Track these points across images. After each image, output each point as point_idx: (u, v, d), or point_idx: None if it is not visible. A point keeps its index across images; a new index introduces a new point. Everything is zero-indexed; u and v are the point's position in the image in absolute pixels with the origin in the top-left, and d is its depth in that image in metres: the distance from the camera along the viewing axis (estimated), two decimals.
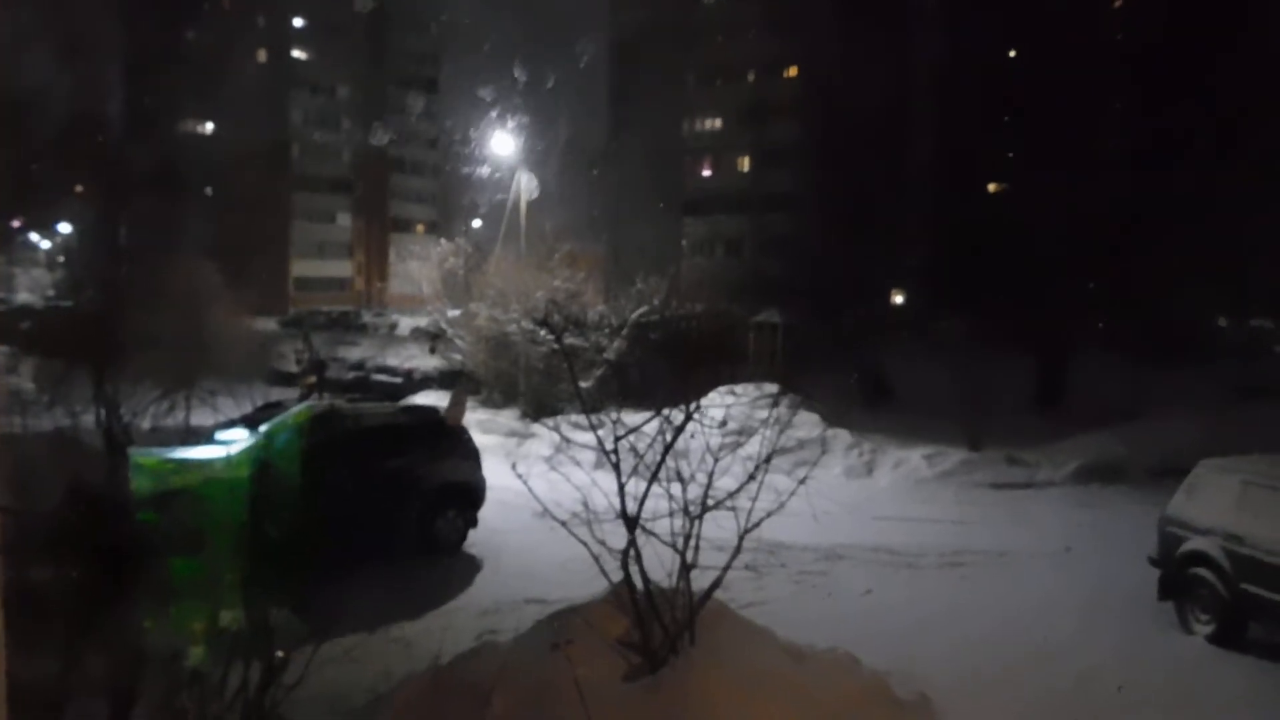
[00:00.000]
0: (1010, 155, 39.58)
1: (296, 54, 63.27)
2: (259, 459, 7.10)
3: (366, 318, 49.65)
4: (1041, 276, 25.39)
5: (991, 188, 42.07)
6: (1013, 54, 37.95)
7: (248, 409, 13.07)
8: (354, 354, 28.55)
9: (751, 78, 49.89)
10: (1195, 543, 8.76)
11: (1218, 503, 8.68)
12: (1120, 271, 27.30)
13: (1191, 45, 30.35)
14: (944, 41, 41.16)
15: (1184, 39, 30.55)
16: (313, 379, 19.31)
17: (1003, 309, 26.02)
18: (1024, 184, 36.20)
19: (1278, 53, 29.23)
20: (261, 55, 60.61)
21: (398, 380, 25.58)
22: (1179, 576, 8.93)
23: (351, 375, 25.64)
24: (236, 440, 7.82)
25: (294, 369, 21.89)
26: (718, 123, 51.79)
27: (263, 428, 6.91)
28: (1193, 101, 29.27)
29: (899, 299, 46.04)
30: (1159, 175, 27.81)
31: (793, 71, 47.89)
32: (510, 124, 31.84)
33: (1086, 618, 9.15)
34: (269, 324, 35.29)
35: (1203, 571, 8.62)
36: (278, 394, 17.95)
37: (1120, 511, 14.27)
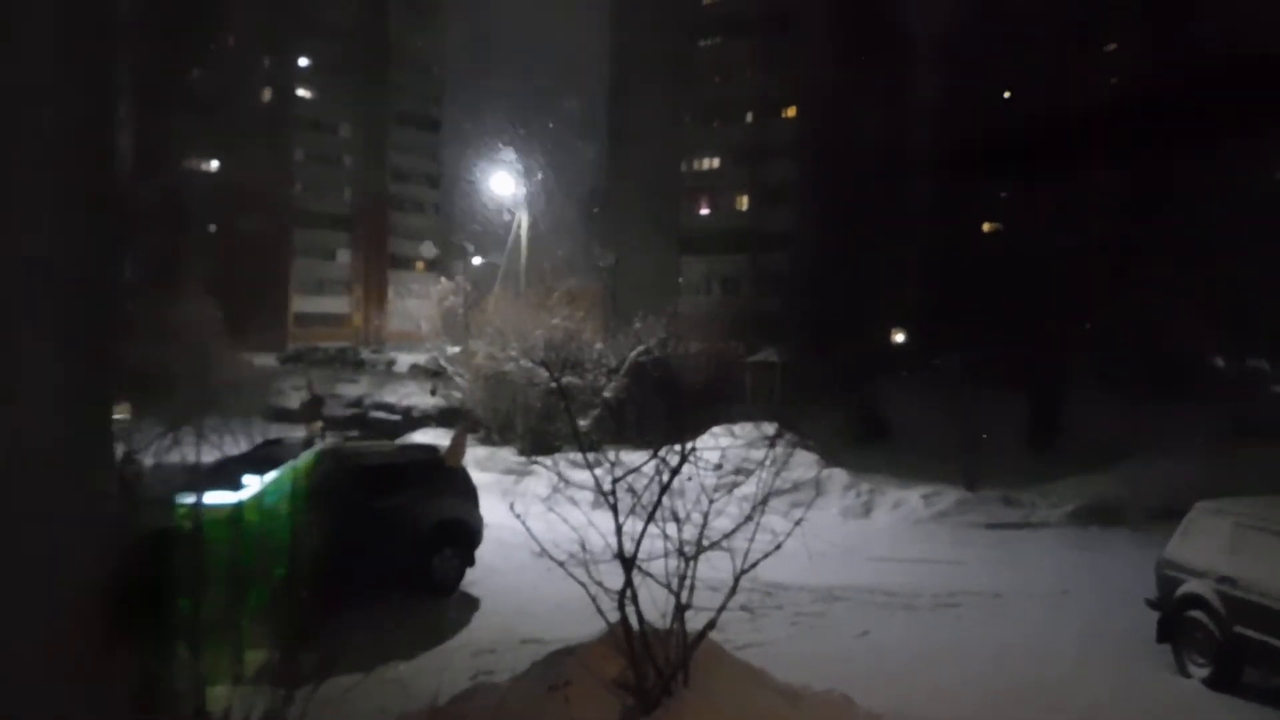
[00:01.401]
0: (1003, 195, 40.05)
1: (300, 93, 64.02)
2: (268, 502, 7.14)
3: (365, 354, 49.80)
4: (1037, 315, 25.60)
5: (986, 227, 42.48)
6: (1007, 95, 38.52)
7: (247, 446, 13.09)
8: (352, 391, 28.63)
9: (749, 118, 50.45)
10: (1191, 585, 8.80)
11: (1211, 545, 8.73)
12: (1116, 310, 27.52)
13: (1184, 88, 30.80)
14: (939, 82, 41.77)
15: (1177, 82, 31.01)
16: (319, 423, 19.34)
17: (999, 347, 26.20)
18: (1018, 224, 36.60)
19: (1269, 93, 29.60)
20: (266, 94, 61.32)
21: (396, 418, 25.63)
22: (1176, 619, 8.95)
23: (349, 412, 25.70)
24: (247, 484, 7.86)
25: (293, 406, 21.93)
26: (715, 162, 52.29)
27: (273, 473, 6.96)
28: (1186, 143, 29.66)
29: (897, 337, 46.28)
30: (1154, 214, 28.12)
31: (790, 112, 48.44)
32: (510, 163, 32.18)
33: (1083, 660, 9.16)
34: (268, 360, 35.40)
35: (1198, 614, 8.65)
36: (277, 431, 17.96)
37: (1117, 553, 14.30)
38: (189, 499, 4.49)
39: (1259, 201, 29.52)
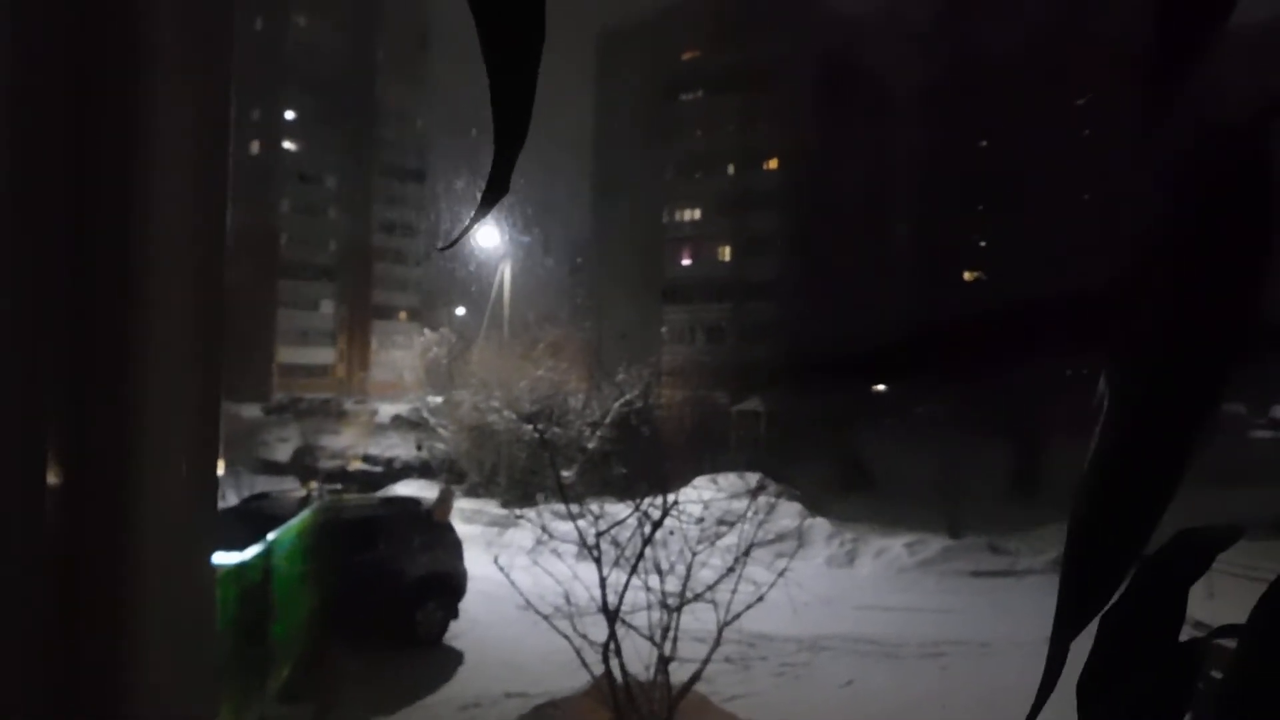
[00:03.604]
0: (983, 244, 40.72)
1: (286, 144, 64.58)
2: (269, 562, 7.17)
3: (348, 405, 49.61)
4: (1019, 361, 25.87)
5: (967, 276, 43.09)
6: (984, 144, 39.36)
7: (235, 500, 13.07)
8: (335, 442, 28.52)
9: (730, 170, 51.19)
10: None
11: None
12: (1097, 354, 27.84)
13: (1154, 139, 31.51)
14: (918, 133, 42.62)
15: (1147, 133, 31.73)
16: (314, 484, 19.27)
17: (982, 394, 26.44)
18: (998, 271, 37.15)
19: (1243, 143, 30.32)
20: (254, 146, 61.83)
21: (378, 469, 25.51)
22: None
23: (333, 463, 25.58)
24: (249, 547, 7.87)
25: (280, 457, 21.82)
26: (697, 213, 52.91)
27: (273, 533, 7.01)
28: (1160, 193, 30.24)
29: (880, 385, 46.55)
30: (1128, 262, 28.60)
31: (772, 163, 49.19)
32: (494, 215, 32.43)
33: (1068, 708, 9.16)
34: (254, 411, 35.22)
35: None
36: (265, 483, 17.90)
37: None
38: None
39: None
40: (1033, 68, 33.95)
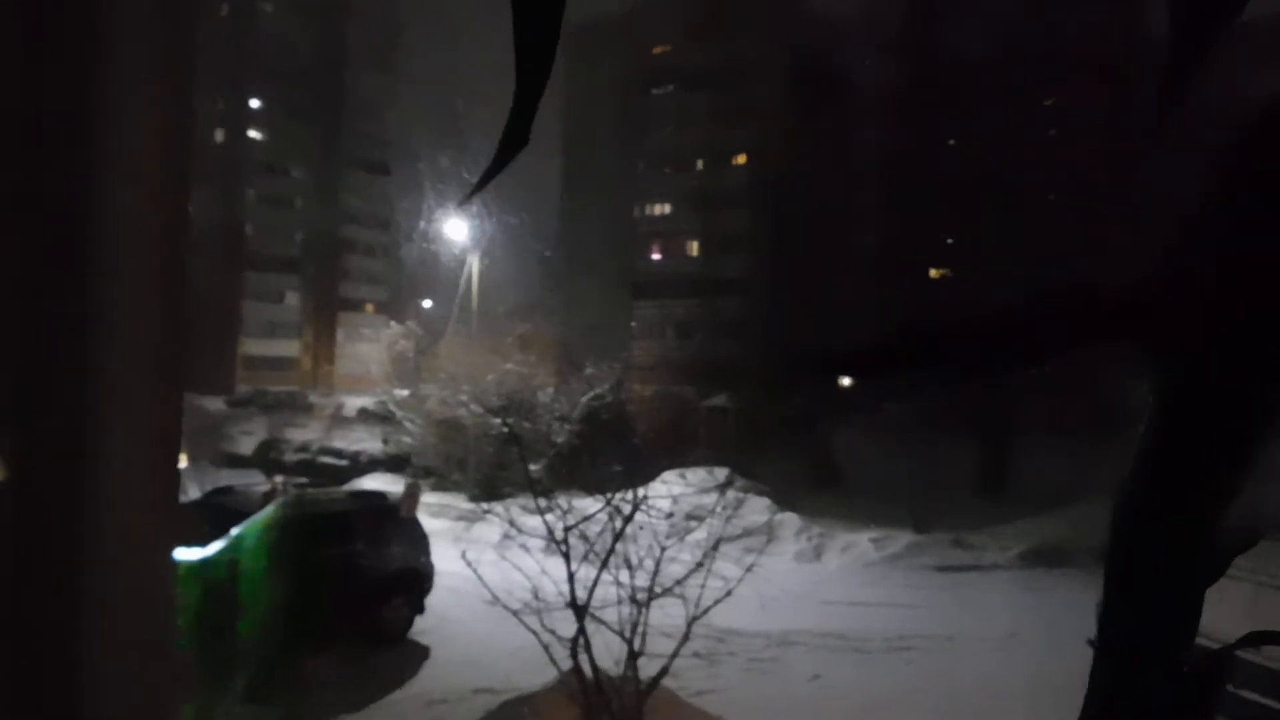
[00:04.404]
0: (950, 241, 41.11)
1: (253, 134, 63.74)
2: (233, 558, 7.05)
3: (313, 398, 49.12)
4: (983, 360, 26.10)
5: (934, 273, 43.47)
6: (951, 143, 39.71)
7: (198, 494, 12.87)
8: (300, 435, 28.21)
9: (700, 165, 51.22)
10: None
11: None
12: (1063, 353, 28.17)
13: (1121, 140, 32.07)
14: (887, 130, 42.91)
15: (1113, 136, 32.28)
16: (278, 478, 19.05)
17: (948, 392, 26.66)
18: (963, 269, 37.53)
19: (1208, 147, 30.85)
20: (219, 135, 60.95)
21: (344, 463, 25.27)
22: None
23: (298, 457, 25.30)
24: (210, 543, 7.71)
25: (244, 451, 21.56)
26: (667, 208, 52.90)
27: (236, 529, 6.88)
28: (1123, 194, 30.80)
29: (848, 381, 46.83)
30: (1092, 259, 28.99)
31: (741, 159, 49.28)
32: (463, 207, 32.25)
33: (1029, 702, 9.27)
34: (217, 403, 34.78)
35: None
36: (228, 476, 17.66)
37: (1066, 595, 14.50)
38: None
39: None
40: (1001, 68, 34.27)
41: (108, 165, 0.87)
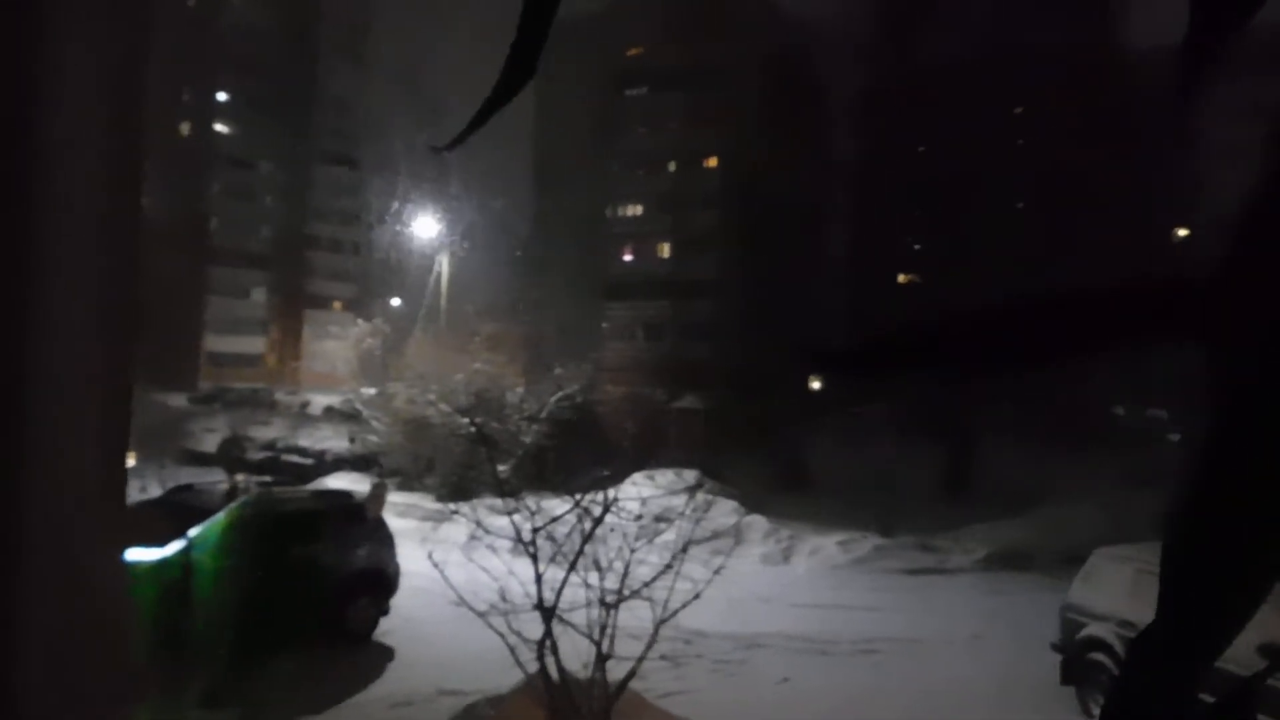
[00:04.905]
0: (918, 247, 41.47)
1: (219, 128, 62.92)
2: (193, 558, 6.91)
3: (279, 395, 48.55)
4: (950, 365, 26.32)
5: (901, 278, 43.84)
6: (921, 150, 40.07)
7: (159, 491, 12.65)
8: (265, 433, 27.82)
9: (672, 167, 51.26)
10: (1092, 628, 9.09)
11: (1112, 589, 9.05)
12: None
13: (1088, 149, 32.52)
14: (858, 135, 43.23)
15: (1082, 143, 32.73)
16: (241, 477, 18.76)
17: (916, 397, 26.86)
18: (931, 275, 37.87)
19: (1172, 157, 31.49)
20: (185, 128, 60.06)
21: (309, 462, 24.96)
22: (1079, 662, 9.22)
23: (262, 455, 24.96)
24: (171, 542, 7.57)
25: (207, 448, 21.24)
26: (639, 209, 52.88)
27: (196, 528, 6.72)
28: (1091, 200, 31.24)
29: (817, 385, 47.07)
30: (1059, 269, 29.36)
31: (712, 162, 49.39)
32: (433, 205, 32.08)
33: (995, 704, 9.35)
34: (179, 400, 34.27)
35: (1100, 656, 8.93)
36: (190, 474, 17.36)
37: (1028, 598, 14.66)
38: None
39: (1154, 254, 31.16)
40: (972, 76, 34.60)
41: (50, 156, 0.82)
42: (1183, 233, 36.22)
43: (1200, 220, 33.25)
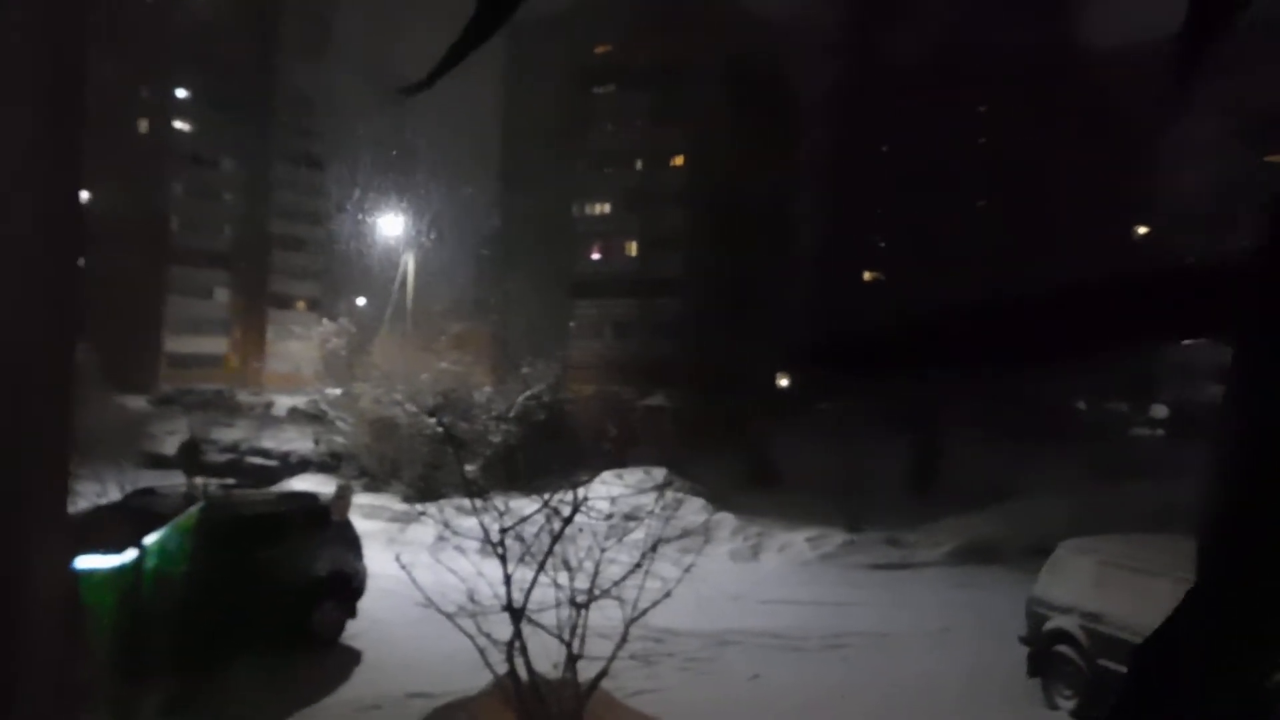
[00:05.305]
0: (882, 245, 41.80)
1: (179, 125, 61.92)
2: (152, 564, 6.76)
3: (242, 396, 47.90)
4: (914, 361, 26.55)
5: (867, 276, 44.17)
6: (885, 148, 40.40)
7: (119, 495, 12.40)
8: (228, 435, 27.41)
9: (639, 165, 51.24)
10: (1058, 621, 9.19)
11: (1077, 582, 9.15)
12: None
13: (1051, 149, 32.94)
14: (824, 134, 43.47)
15: (1044, 141, 33.15)
16: (201, 480, 18.43)
17: (882, 392, 27.03)
18: (895, 272, 38.20)
19: (1132, 157, 31.96)
20: (143, 125, 59.04)
21: (273, 463, 24.64)
22: (1045, 654, 9.32)
23: (225, 458, 24.59)
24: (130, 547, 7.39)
25: (167, 451, 20.87)
26: (607, 207, 52.82)
27: (155, 534, 6.57)
28: (1053, 197, 31.65)
29: (784, 382, 47.29)
30: (1019, 265, 29.72)
31: (679, 160, 49.44)
32: (398, 203, 31.82)
33: (963, 696, 9.43)
34: (139, 402, 33.71)
35: (1065, 649, 9.03)
36: (150, 478, 17.04)
37: (995, 591, 14.80)
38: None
39: (1117, 252, 31.64)
40: (936, 75, 34.91)
41: None
42: (1143, 230, 36.84)
43: (1161, 218, 33.83)
